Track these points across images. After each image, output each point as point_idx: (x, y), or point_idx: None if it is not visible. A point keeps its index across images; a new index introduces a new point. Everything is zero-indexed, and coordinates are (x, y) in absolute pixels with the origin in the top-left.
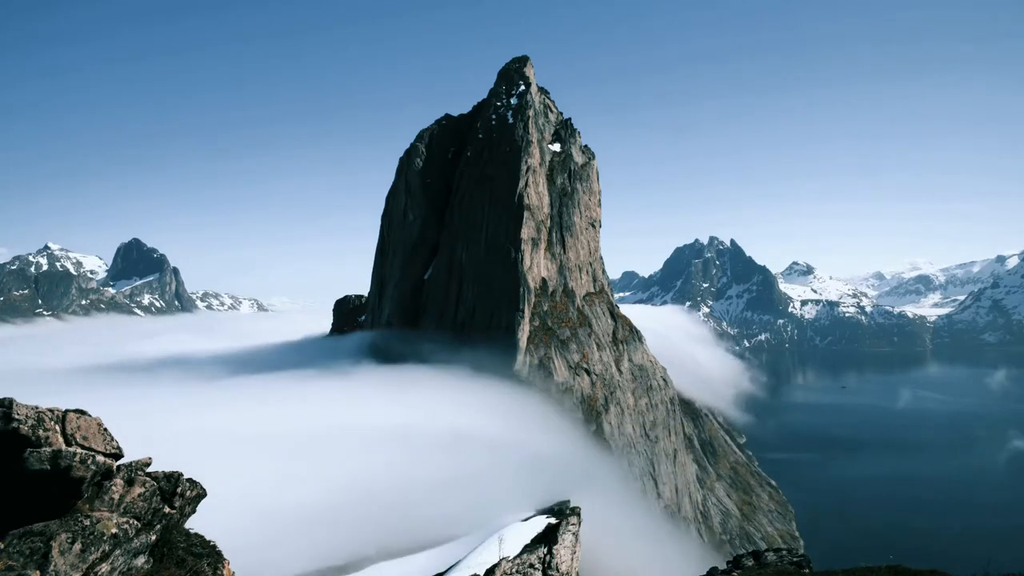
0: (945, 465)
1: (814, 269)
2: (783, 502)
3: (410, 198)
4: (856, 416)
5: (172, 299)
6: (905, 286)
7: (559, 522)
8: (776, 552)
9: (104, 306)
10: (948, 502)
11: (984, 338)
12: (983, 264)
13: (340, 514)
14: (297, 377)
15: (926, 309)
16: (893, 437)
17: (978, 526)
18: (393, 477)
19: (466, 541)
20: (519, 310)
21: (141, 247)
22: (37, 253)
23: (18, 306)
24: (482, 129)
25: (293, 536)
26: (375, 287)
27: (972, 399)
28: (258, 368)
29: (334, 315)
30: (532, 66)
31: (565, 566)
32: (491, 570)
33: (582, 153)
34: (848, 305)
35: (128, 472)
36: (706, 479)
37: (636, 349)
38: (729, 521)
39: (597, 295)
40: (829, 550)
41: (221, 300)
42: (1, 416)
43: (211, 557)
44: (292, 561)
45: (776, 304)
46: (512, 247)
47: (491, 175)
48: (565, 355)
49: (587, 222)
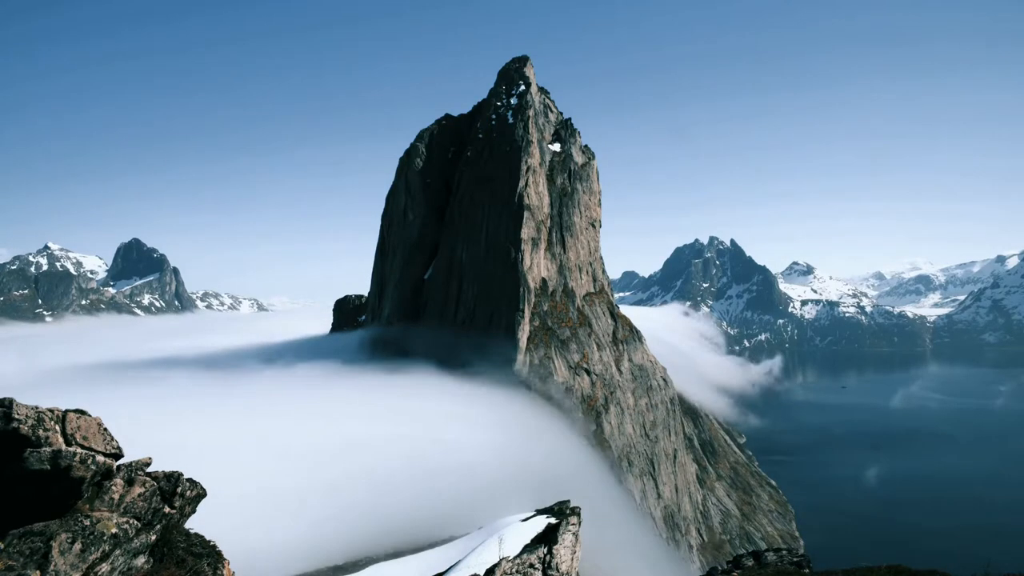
0: (945, 465)
1: (814, 269)
2: (783, 502)
3: (410, 198)
4: (856, 416)
5: (172, 299)
6: (905, 286)
7: (559, 522)
8: (776, 552)
9: (104, 306)
10: (948, 502)
11: (984, 338)
12: (983, 264)
13: (340, 514)
14: (296, 377)
15: (926, 309)
16: (893, 437)
17: (978, 526)
18: (393, 477)
19: (466, 541)
20: (519, 310)
21: (141, 247)
22: (37, 253)
23: (18, 306)
24: (482, 129)
25: (293, 536)
26: (375, 287)
27: (972, 399)
28: (257, 368)
29: (334, 315)
30: (532, 66)
31: (565, 566)
32: (491, 570)
33: (582, 153)
34: (848, 305)
35: (128, 472)
36: (706, 479)
37: (636, 349)
38: (729, 521)
39: (597, 295)
40: (829, 550)
41: (221, 300)
42: (1, 416)
43: (211, 557)
44: (292, 561)
45: (776, 304)
46: (512, 247)
47: (491, 175)
48: (565, 355)
49: (587, 222)
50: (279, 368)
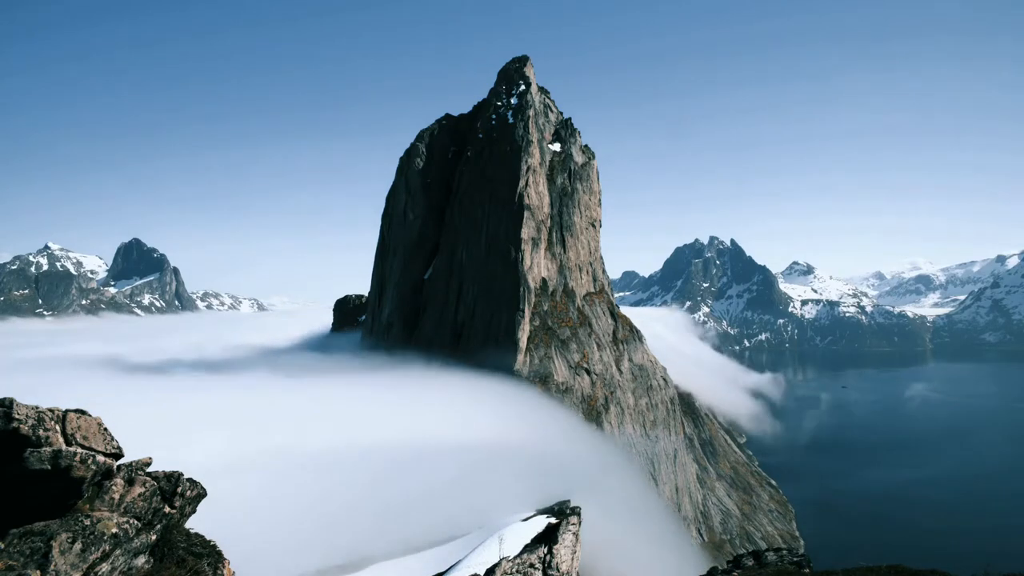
0: (946, 465)
1: (814, 269)
2: (783, 502)
3: (410, 198)
4: (856, 416)
5: (172, 299)
6: (905, 286)
7: (559, 522)
8: (776, 552)
9: (104, 306)
10: (949, 502)
11: (984, 338)
12: (983, 264)
13: (340, 514)
14: (296, 377)
15: (926, 309)
16: (893, 437)
17: (978, 526)
18: (393, 477)
19: (466, 541)
20: (519, 310)
21: (141, 247)
22: (37, 253)
23: (19, 306)
24: (482, 129)
25: (293, 536)
26: (375, 287)
27: (972, 399)
28: (257, 368)
29: (334, 314)
30: (532, 66)
31: (565, 566)
32: (491, 570)
33: (582, 153)
34: (848, 305)
35: (128, 472)
36: (706, 479)
37: (636, 349)
38: (729, 521)
39: (597, 295)
40: (829, 550)
41: (221, 300)
42: (1, 416)
43: (211, 557)
44: (292, 561)
45: (776, 304)
46: (512, 247)
47: (491, 175)
48: (565, 355)
49: (587, 222)
50: (279, 368)
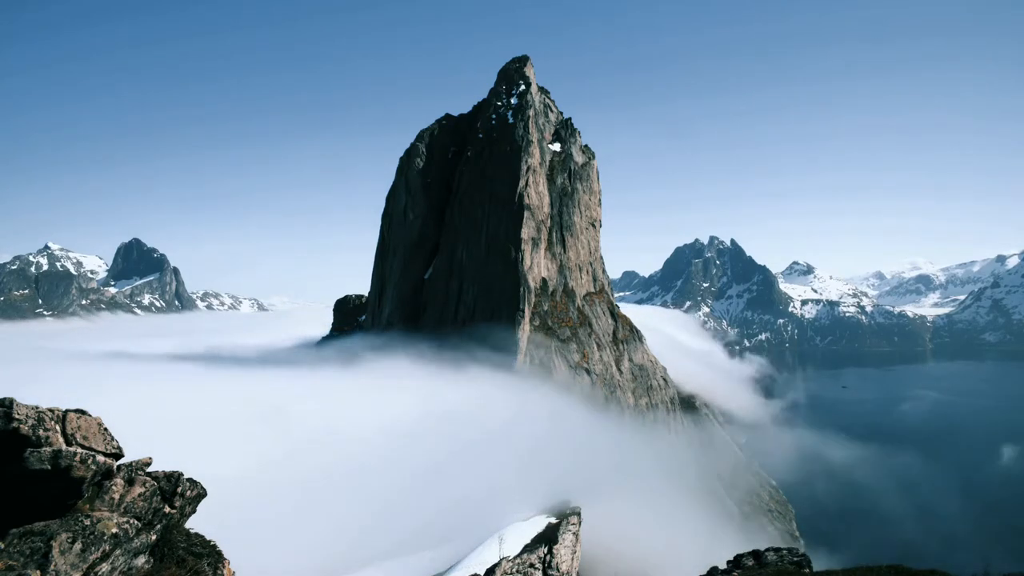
0: (945, 465)
1: (814, 269)
2: (783, 502)
3: (410, 198)
4: (856, 416)
5: (172, 299)
6: (905, 286)
7: (559, 522)
8: (776, 552)
9: (104, 306)
10: (949, 502)
11: (984, 338)
12: (983, 264)
13: (340, 514)
14: (296, 377)
15: (926, 309)
16: (894, 437)
17: (978, 526)
18: (393, 476)
19: (466, 541)
20: (519, 310)
21: (141, 247)
22: (37, 253)
23: (18, 306)
24: (482, 129)
25: (293, 536)
26: (375, 287)
27: (972, 399)
28: (257, 367)
29: (334, 315)
30: (532, 66)
31: (565, 566)
32: (491, 570)
33: (582, 153)
34: (848, 305)
35: (128, 472)
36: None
37: (636, 349)
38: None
39: (597, 295)
40: (829, 550)
41: (221, 300)
42: (1, 416)
43: (211, 557)
44: (292, 561)
45: (776, 304)
46: (512, 247)
47: (491, 175)
48: (565, 355)
49: (587, 222)
50: (278, 368)
